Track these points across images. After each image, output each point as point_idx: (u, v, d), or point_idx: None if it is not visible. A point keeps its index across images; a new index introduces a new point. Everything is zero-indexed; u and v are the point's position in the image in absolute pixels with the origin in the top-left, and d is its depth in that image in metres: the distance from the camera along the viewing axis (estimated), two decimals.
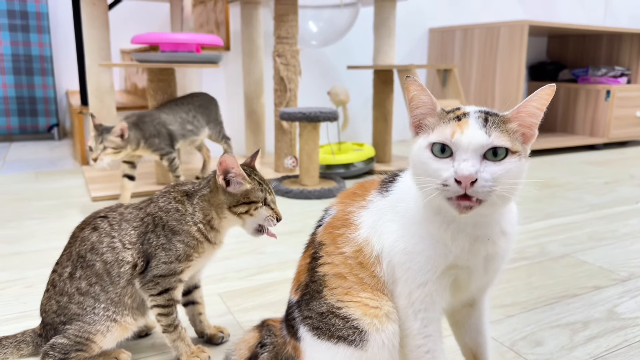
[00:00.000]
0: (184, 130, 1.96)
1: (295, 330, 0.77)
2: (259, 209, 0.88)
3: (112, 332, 0.86)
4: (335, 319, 0.71)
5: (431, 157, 0.64)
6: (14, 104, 3.04)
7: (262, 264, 1.37)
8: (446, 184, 0.61)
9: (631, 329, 1.05)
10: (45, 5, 2.96)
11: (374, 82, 2.64)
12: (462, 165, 0.61)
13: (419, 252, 0.68)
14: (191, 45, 2.01)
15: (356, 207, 0.77)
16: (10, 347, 0.90)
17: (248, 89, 2.71)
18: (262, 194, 0.89)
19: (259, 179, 0.90)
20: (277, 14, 2.34)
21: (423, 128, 0.68)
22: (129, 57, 3.21)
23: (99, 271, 0.86)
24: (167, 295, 0.87)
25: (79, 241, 0.89)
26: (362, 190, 0.80)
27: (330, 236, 0.77)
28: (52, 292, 0.88)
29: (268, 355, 0.81)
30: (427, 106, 0.68)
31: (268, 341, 0.82)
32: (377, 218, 0.74)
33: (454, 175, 0.61)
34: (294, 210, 1.85)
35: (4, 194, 2.01)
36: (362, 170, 2.44)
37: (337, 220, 0.78)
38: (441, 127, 0.65)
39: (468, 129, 0.63)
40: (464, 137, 0.62)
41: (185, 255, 0.86)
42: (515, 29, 2.93)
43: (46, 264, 1.35)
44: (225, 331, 0.99)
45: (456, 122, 0.64)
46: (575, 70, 3.66)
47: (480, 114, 0.65)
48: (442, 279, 0.69)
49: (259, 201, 0.88)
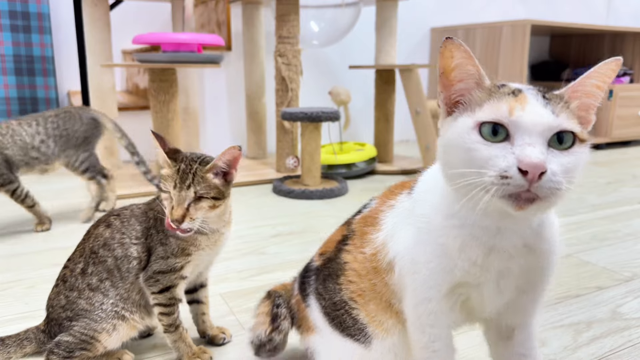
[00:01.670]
0: (27, 157, 1.55)
1: (306, 294, 0.78)
2: (165, 195, 0.81)
3: (118, 331, 0.86)
4: (346, 315, 0.70)
5: (480, 141, 0.50)
6: (15, 104, 3.04)
7: (264, 264, 1.37)
8: (506, 176, 0.48)
9: (635, 329, 1.04)
10: (46, 6, 2.96)
11: (376, 82, 2.64)
12: (528, 150, 0.47)
13: (424, 264, 0.60)
14: (192, 46, 2.01)
15: (386, 206, 0.69)
16: (14, 345, 0.90)
17: (249, 89, 2.71)
18: (171, 184, 0.80)
19: (182, 170, 0.80)
20: (278, 13, 2.34)
21: (462, 106, 0.55)
22: (130, 57, 3.21)
23: (110, 267, 0.86)
24: (169, 293, 0.86)
25: (92, 238, 0.89)
26: (399, 188, 0.71)
27: (360, 230, 0.71)
28: (61, 287, 0.88)
29: (286, 311, 0.82)
30: (473, 78, 0.55)
31: (280, 301, 0.83)
32: (397, 221, 0.66)
33: (517, 163, 0.48)
34: (296, 211, 1.84)
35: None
36: (363, 171, 2.43)
37: (369, 215, 0.72)
38: (492, 104, 0.51)
39: (529, 106, 0.50)
40: (526, 115, 0.49)
41: (180, 249, 0.85)
42: (517, 29, 2.92)
43: (47, 265, 1.34)
44: (227, 332, 0.99)
45: (512, 97, 0.51)
46: (577, 70, 3.65)
47: (536, 90, 0.53)
48: (447, 299, 0.61)
49: (167, 189, 0.81)
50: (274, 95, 2.95)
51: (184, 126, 2.57)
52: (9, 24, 2.92)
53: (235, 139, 2.89)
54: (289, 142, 2.41)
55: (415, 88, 2.35)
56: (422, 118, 2.35)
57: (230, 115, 2.89)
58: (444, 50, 0.54)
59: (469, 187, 0.50)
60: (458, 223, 0.57)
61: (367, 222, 0.71)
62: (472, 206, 0.52)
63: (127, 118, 2.60)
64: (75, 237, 0.97)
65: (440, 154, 0.56)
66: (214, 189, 0.82)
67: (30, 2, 2.98)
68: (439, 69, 0.56)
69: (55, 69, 3.18)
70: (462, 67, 0.54)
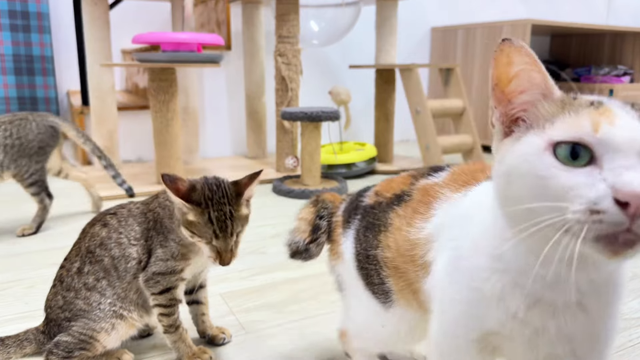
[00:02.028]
0: None
1: (348, 225, 0.73)
2: (203, 245, 0.80)
3: (117, 330, 0.85)
4: (374, 273, 0.67)
5: (557, 165, 0.39)
6: (15, 104, 3.03)
7: (264, 264, 1.37)
8: (597, 210, 0.36)
9: (635, 329, 1.04)
10: (46, 5, 2.96)
11: (376, 82, 2.64)
12: (628, 175, 0.36)
13: (457, 301, 0.52)
14: (192, 45, 2.01)
15: (447, 191, 0.59)
16: (14, 346, 0.89)
17: (249, 89, 2.71)
18: (208, 235, 0.78)
19: (215, 216, 0.78)
20: (278, 13, 2.34)
21: (525, 123, 0.45)
22: (130, 57, 3.21)
23: (107, 266, 0.85)
24: (169, 294, 0.86)
25: (88, 237, 0.89)
26: (472, 174, 0.60)
27: (416, 199, 0.62)
28: (58, 288, 0.88)
29: (327, 224, 0.80)
30: (538, 88, 0.45)
31: (325, 213, 0.81)
32: (444, 224, 0.57)
33: (613, 192, 0.36)
34: (296, 211, 1.84)
35: (5, 195, 2.01)
36: (363, 170, 2.43)
37: (431, 189, 0.61)
38: (568, 119, 0.41)
39: (619, 119, 0.39)
40: (618, 131, 0.38)
41: (180, 254, 0.85)
42: (517, 28, 2.92)
43: (47, 265, 1.34)
44: (227, 332, 0.98)
45: (594, 110, 0.41)
46: (578, 70, 3.64)
47: (620, 101, 0.43)
48: (477, 343, 0.52)
49: (202, 238, 0.79)
50: (273, 95, 2.94)
51: (183, 126, 2.57)
52: (9, 24, 2.92)
53: (235, 139, 2.89)
54: (288, 142, 2.41)
55: (415, 87, 2.35)
56: (422, 117, 2.35)
57: (230, 114, 2.89)
58: (500, 56, 0.45)
59: (539, 225, 0.39)
60: (502, 267, 0.48)
61: (425, 196, 0.61)
62: (548, 257, 0.41)
63: (127, 118, 2.60)
64: (74, 237, 0.97)
65: (498, 186, 0.45)
66: (244, 219, 0.82)
67: (30, 2, 2.97)
68: (492, 80, 0.47)
69: (55, 69, 3.17)
70: (524, 75, 0.45)
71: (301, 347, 0.96)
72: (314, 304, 1.14)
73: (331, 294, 1.19)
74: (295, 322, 1.06)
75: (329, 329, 1.02)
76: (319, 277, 1.27)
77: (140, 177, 2.22)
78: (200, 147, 2.74)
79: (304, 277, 1.28)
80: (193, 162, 2.60)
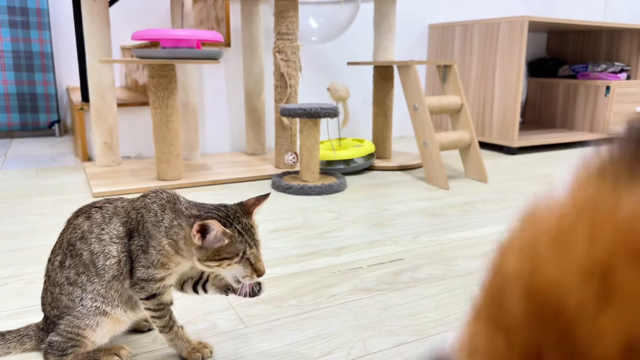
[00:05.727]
0: None
1: None
2: (232, 265, 0.80)
3: (102, 327, 0.85)
4: None
5: None
6: (14, 100, 3.04)
7: (264, 259, 1.38)
8: None
9: None
10: (45, 1, 2.96)
11: (374, 79, 2.65)
12: None
13: None
14: (192, 42, 2.02)
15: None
16: (14, 341, 0.90)
17: (248, 85, 2.72)
18: (241, 247, 0.80)
19: (241, 228, 0.81)
20: (277, 10, 2.34)
21: None
22: (129, 53, 3.21)
23: (86, 261, 0.84)
24: (156, 300, 0.85)
25: (71, 228, 0.87)
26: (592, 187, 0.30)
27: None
28: (47, 284, 0.88)
29: None
30: None
31: None
32: None
33: None
34: (295, 206, 1.86)
35: (5, 190, 2.02)
36: (362, 167, 2.44)
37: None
38: None
39: None
40: None
41: (160, 263, 0.83)
42: (515, 25, 2.93)
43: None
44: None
45: None
46: (575, 66, 3.66)
47: None
48: None
49: (233, 256, 0.80)
50: (272, 92, 2.96)
51: (183, 122, 2.58)
52: (8, 20, 2.92)
53: (234, 135, 2.90)
54: (287, 138, 2.42)
55: (413, 84, 2.36)
56: (419, 114, 2.36)
57: (230, 111, 2.90)
58: None
59: None
60: None
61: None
62: None
63: (127, 114, 2.61)
64: None
65: None
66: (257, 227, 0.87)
67: None
68: None
69: (54, 65, 3.18)
70: None
71: (300, 341, 0.98)
72: (313, 299, 1.16)
73: (330, 289, 1.20)
74: (294, 317, 1.07)
75: (328, 324, 1.03)
76: (318, 272, 1.29)
77: (140, 174, 2.23)
78: (200, 143, 2.75)
79: (303, 272, 1.30)
80: (193, 158, 2.61)
